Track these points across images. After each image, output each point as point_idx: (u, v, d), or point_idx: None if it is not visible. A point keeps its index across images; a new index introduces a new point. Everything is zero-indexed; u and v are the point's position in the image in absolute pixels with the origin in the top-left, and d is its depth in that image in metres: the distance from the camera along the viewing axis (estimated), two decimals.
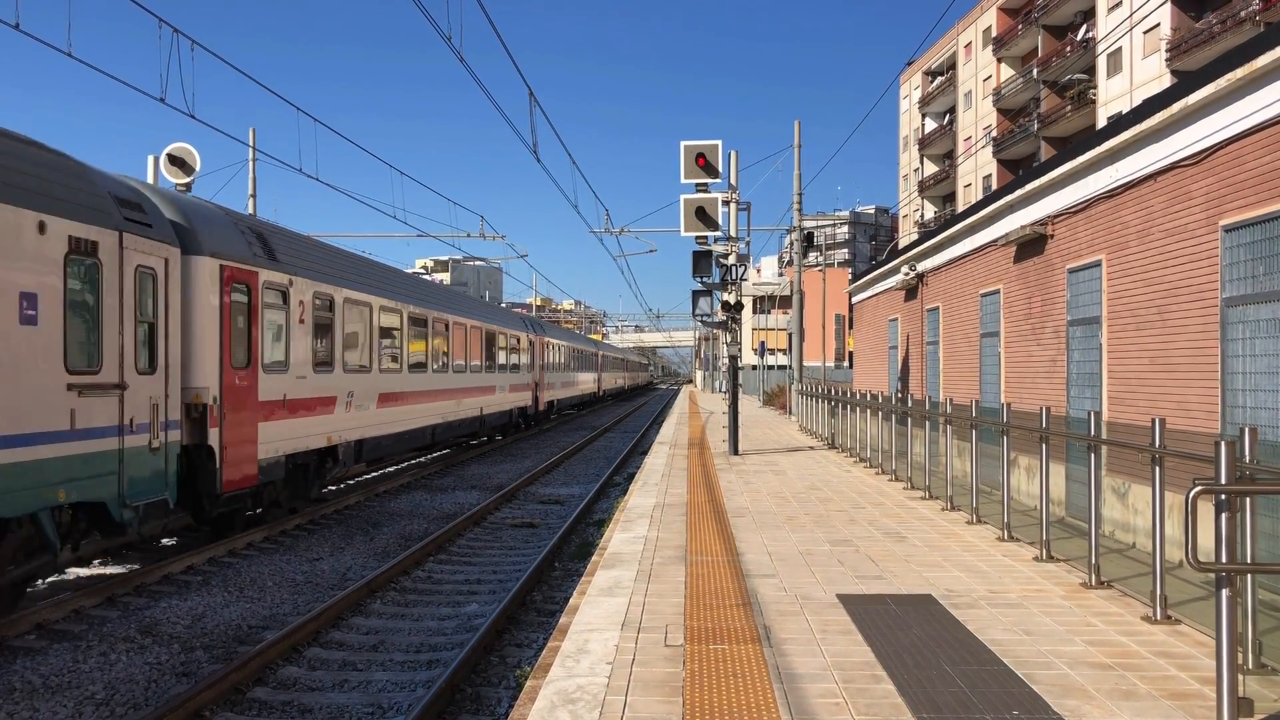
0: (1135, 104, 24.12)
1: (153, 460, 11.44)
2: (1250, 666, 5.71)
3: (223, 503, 13.35)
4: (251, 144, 30.50)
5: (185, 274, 12.52)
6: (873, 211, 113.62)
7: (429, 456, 27.32)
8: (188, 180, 20.48)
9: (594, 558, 9.32)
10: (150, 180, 20.06)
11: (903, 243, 58.98)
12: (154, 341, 11.64)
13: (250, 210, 32.09)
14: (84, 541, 11.66)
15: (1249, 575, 5.79)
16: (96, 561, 12.85)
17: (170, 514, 12.17)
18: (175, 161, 20.45)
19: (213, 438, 12.82)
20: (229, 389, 13.34)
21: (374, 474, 23.06)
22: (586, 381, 55.73)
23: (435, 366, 23.81)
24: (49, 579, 11.59)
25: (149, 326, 11.55)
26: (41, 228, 9.55)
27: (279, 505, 15.71)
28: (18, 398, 9.14)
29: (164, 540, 14.42)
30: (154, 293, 11.64)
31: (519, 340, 35.02)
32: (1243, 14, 39.29)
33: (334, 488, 19.95)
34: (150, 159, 20.53)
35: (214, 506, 13.16)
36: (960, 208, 61.28)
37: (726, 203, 19.57)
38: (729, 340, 21.17)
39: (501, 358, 31.92)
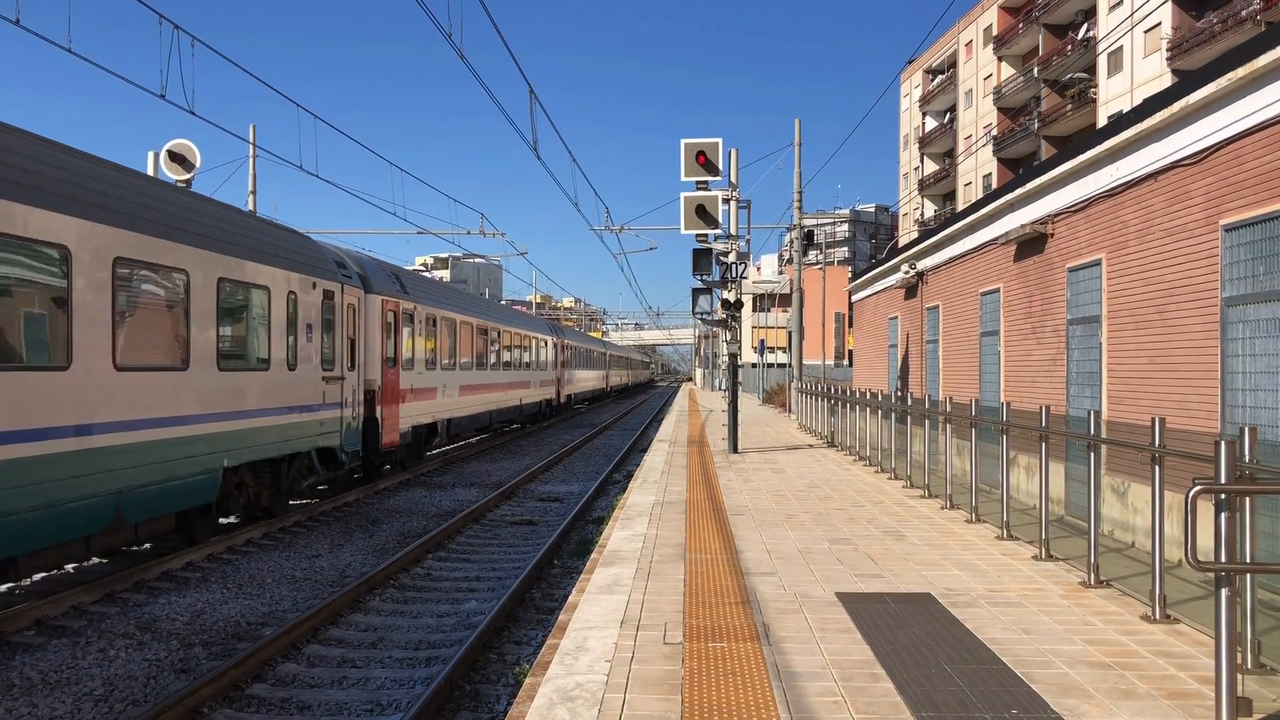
0: (1136, 103, 24.12)
1: (353, 425, 18.14)
2: (1249, 666, 5.71)
3: (381, 456, 19.94)
4: (252, 140, 30.48)
5: (365, 307, 18.98)
6: (873, 210, 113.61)
7: (478, 437, 32.71)
8: (188, 177, 20.48)
9: (593, 555, 9.32)
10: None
11: (903, 241, 58.96)
12: (354, 350, 18.19)
13: (250, 207, 32.10)
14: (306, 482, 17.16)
15: (1248, 575, 5.79)
16: (92, 560, 12.86)
17: (357, 460, 18.68)
18: (175, 158, 20.44)
19: (378, 413, 19.32)
20: (385, 381, 19.80)
21: (456, 445, 29.61)
22: (597, 378, 62.60)
23: (492, 365, 30.36)
24: (305, 485, 17.06)
25: (351, 341, 18.04)
26: (314, 286, 16.27)
27: (403, 464, 22.24)
28: (305, 386, 15.88)
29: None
30: (353, 320, 18.25)
31: (546, 343, 41.18)
32: (1243, 13, 39.27)
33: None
34: (150, 155, 20.53)
35: (376, 458, 19.72)
36: (960, 206, 61.27)
37: (727, 200, 19.56)
38: (729, 338, 21.17)
39: (534, 358, 38.28)
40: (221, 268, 13.08)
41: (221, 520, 14.90)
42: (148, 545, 13.76)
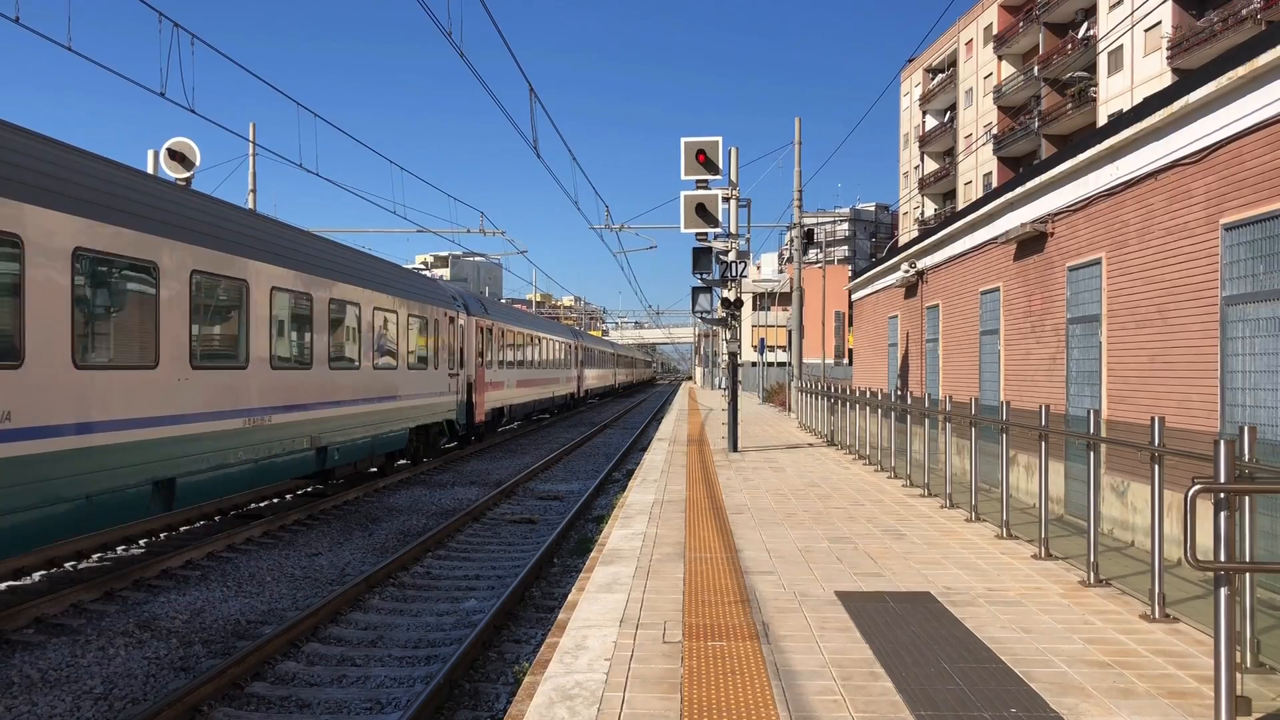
0: (1136, 102, 24.12)
1: (461, 405, 25.66)
2: (1248, 665, 5.71)
3: (474, 429, 27.82)
4: (251, 139, 30.46)
5: (468, 325, 26.72)
6: (873, 209, 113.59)
7: (515, 424, 39.01)
8: (187, 175, 20.48)
9: (593, 554, 9.32)
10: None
11: (903, 240, 58.92)
12: (463, 354, 25.97)
13: (250, 205, 32.08)
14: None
15: (1248, 574, 5.79)
16: (92, 557, 12.86)
17: (462, 430, 26.31)
18: (175, 156, 20.44)
19: (474, 398, 27.23)
20: (478, 377, 27.90)
21: (513, 425, 37.89)
22: (608, 376, 71.43)
23: (537, 365, 38.86)
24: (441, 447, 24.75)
25: (461, 349, 25.66)
26: (445, 314, 24.00)
27: (481, 438, 30.46)
28: (442, 379, 23.59)
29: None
30: (461, 334, 25.81)
31: (570, 346, 49.09)
32: (1244, 12, 39.26)
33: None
34: (150, 153, 20.53)
35: (470, 430, 27.46)
36: (960, 205, 61.25)
37: (727, 199, 19.56)
38: (729, 337, 21.16)
39: (562, 359, 46.26)
40: (416, 309, 21.69)
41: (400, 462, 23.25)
42: (158, 537, 13.76)
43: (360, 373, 18.00)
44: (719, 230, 19.32)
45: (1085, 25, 53.28)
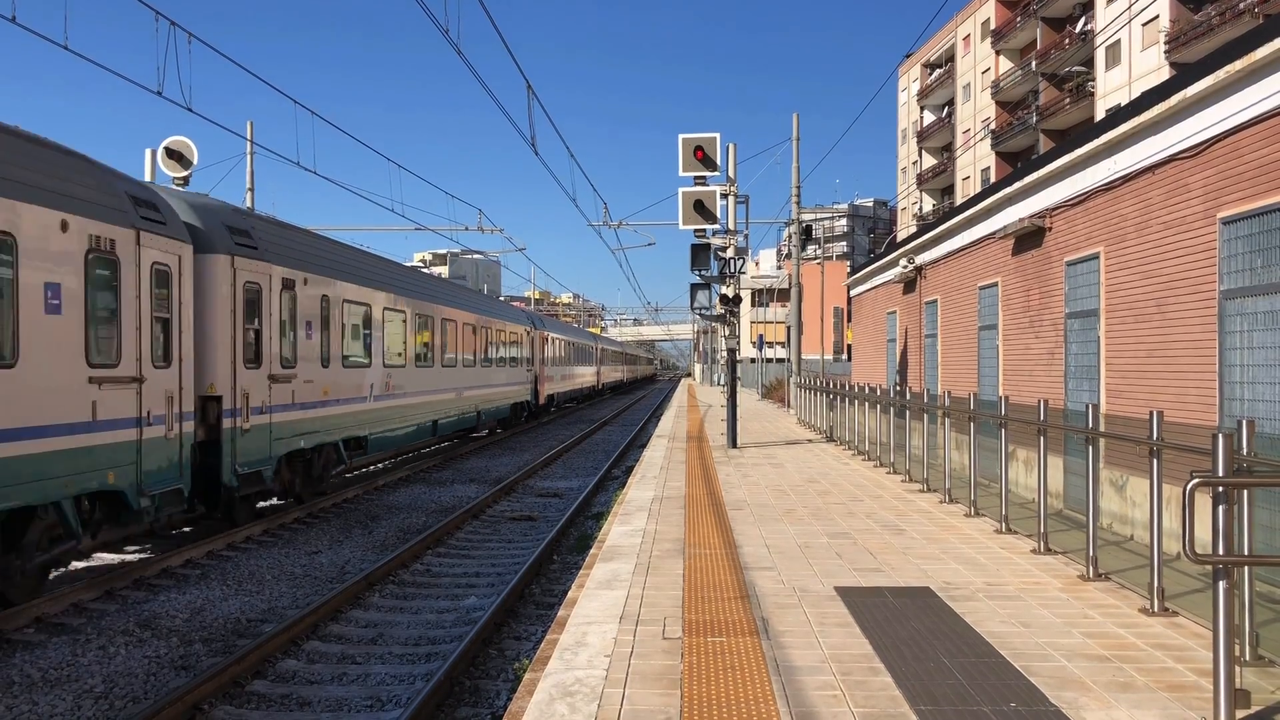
0: (1134, 96, 24.10)
1: (532, 392, 38.17)
2: (1247, 658, 5.72)
3: (540, 409, 39.97)
4: (249, 137, 30.45)
5: (534, 336, 38.29)
6: (871, 204, 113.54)
7: (535, 414, 43.57)
8: (185, 174, 20.46)
9: (592, 551, 9.33)
10: (148, 174, 20.32)
11: (901, 235, 58.90)
12: (531, 358, 38.07)
13: (249, 204, 32.07)
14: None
15: (1246, 567, 5.79)
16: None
17: (529, 410, 37.93)
18: (173, 155, 20.41)
19: (538, 388, 38.90)
20: (539, 372, 39.25)
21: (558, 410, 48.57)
22: (619, 371, 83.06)
23: (577, 362, 52.57)
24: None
25: (530, 354, 37.55)
26: (524, 330, 36.75)
27: (537, 415, 40.44)
28: (523, 373, 36.32)
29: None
30: (531, 343, 37.73)
31: (593, 349, 61.63)
32: (1241, 6, 39.25)
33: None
34: (148, 152, 20.51)
35: (535, 410, 39.02)
36: (958, 200, 61.24)
37: (725, 196, 19.55)
38: (727, 333, 21.16)
39: (588, 358, 58.22)
40: (511, 328, 31.02)
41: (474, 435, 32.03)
42: (156, 538, 13.77)
43: (492, 370, 31.03)
44: (717, 226, 19.32)
45: (1083, 20, 53.26)
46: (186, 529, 14.79)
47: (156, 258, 11.91)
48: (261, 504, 16.00)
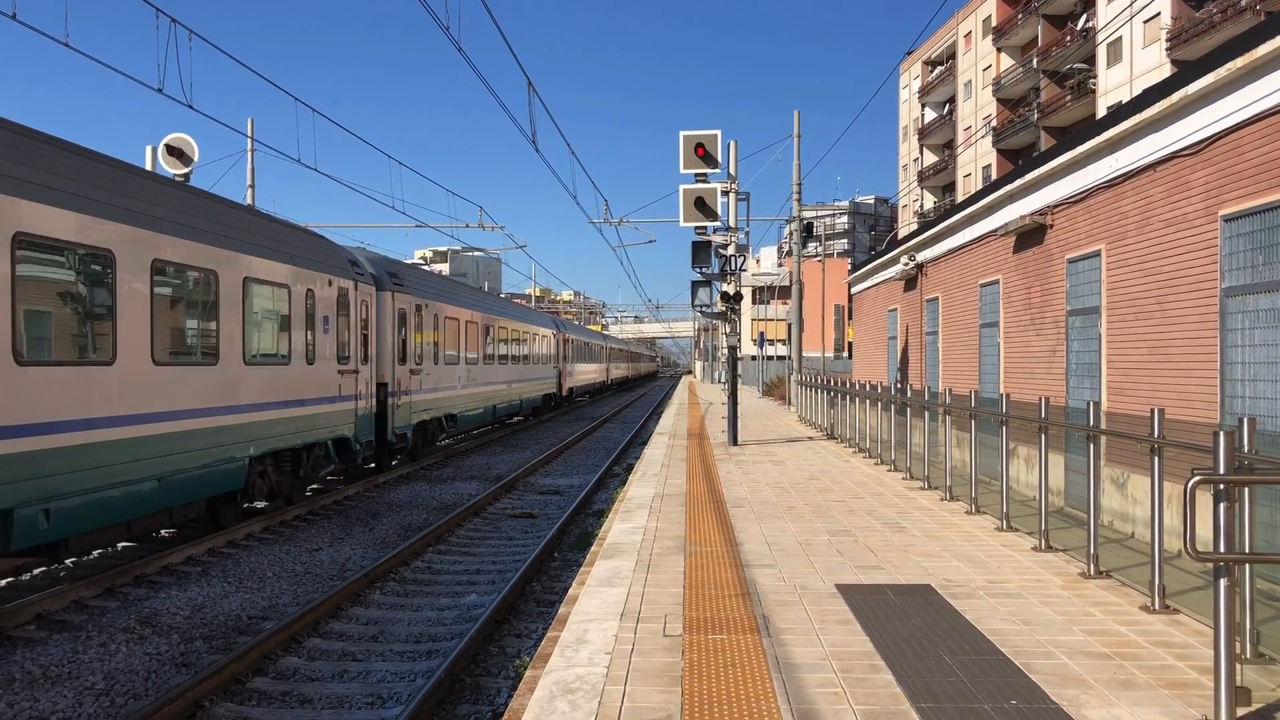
0: (1135, 94, 24.08)
1: (557, 385, 44.43)
2: (1248, 656, 5.72)
3: (566, 400, 48.36)
4: (250, 134, 30.42)
5: (557, 338, 44.75)
6: (872, 202, 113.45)
7: (559, 407, 49.59)
8: (185, 171, 20.46)
9: (593, 548, 9.33)
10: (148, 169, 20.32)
11: (902, 233, 58.86)
12: (557, 357, 44.49)
13: (249, 200, 32.04)
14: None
15: (1247, 565, 5.79)
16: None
17: (555, 399, 44.73)
18: (173, 152, 20.43)
19: (562, 382, 46.04)
20: (562, 368, 46.01)
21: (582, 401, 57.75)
22: (625, 368, 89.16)
23: (594, 360, 60.59)
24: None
25: (558, 354, 44.95)
26: (553, 333, 43.53)
27: (561, 405, 47.93)
28: (550, 369, 42.40)
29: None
30: (556, 344, 44.48)
31: (604, 349, 68.72)
32: (1243, 3, 39.20)
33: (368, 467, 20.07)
34: (148, 149, 20.52)
35: (559, 401, 45.89)
36: (960, 198, 61.21)
37: (726, 193, 19.54)
38: (728, 331, 21.16)
39: (600, 357, 65.36)
40: (542, 332, 38.99)
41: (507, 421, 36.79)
42: (158, 533, 13.78)
43: (532, 367, 37.46)
44: (718, 224, 19.31)
45: (1084, 17, 53.20)
46: (371, 465, 21.03)
47: (363, 297, 18.82)
48: (396, 461, 21.99)
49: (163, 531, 14.41)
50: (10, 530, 9.05)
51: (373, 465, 21.04)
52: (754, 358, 62.82)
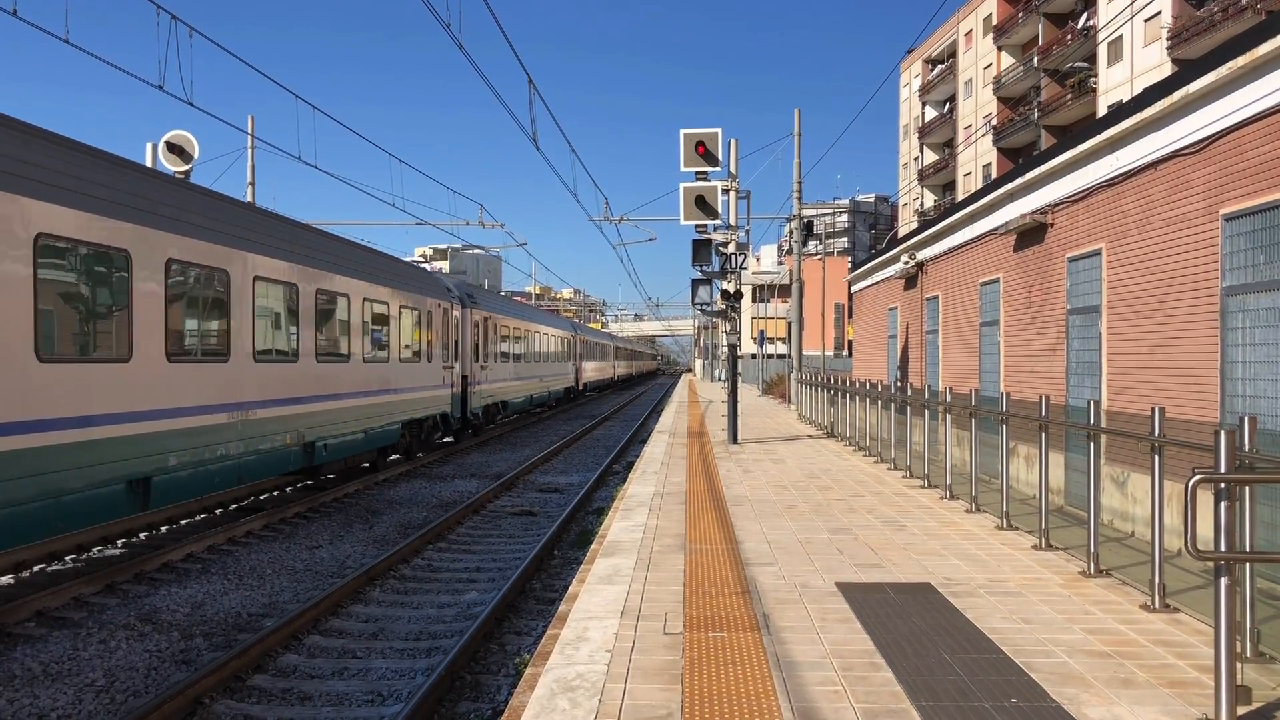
0: (1136, 92, 24.06)
1: (574, 378, 51.49)
2: (1248, 655, 5.72)
3: (581, 393, 55.89)
4: (250, 131, 30.39)
5: (577, 339, 52.66)
6: (872, 200, 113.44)
7: (569, 403, 54.26)
8: (186, 168, 20.45)
9: (593, 546, 9.33)
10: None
11: (902, 231, 58.85)
12: (574, 354, 51.45)
13: (249, 198, 32.04)
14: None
15: (1248, 564, 5.79)
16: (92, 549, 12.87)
17: (575, 392, 52.60)
18: (174, 149, 20.42)
19: (579, 376, 53.53)
20: (577, 366, 52.73)
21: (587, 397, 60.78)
22: (630, 365, 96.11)
23: (601, 358, 65.62)
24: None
25: (578, 355, 53.71)
26: (570, 334, 50.27)
27: (576, 399, 54.59)
28: (568, 365, 48.60)
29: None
30: (570, 344, 49.80)
31: (613, 348, 75.42)
32: (1244, 2, 39.18)
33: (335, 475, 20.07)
34: (149, 146, 20.51)
35: (576, 394, 53.46)
36: (960, 196, 61.17)
37: (726, 191, 19.53)
38: (728, 329, 21.15)
39: (608, 355, 71.39)
40: (560, 333, 45.26)
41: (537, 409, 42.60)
42: (151, 533, 13.77)
43: (557, 364, 43.99)
44: (719, 222, 19.30)
45: (1085, 15, 53.17)
46: (448, 439, 27.26)
47: (455, 313, 25.41)
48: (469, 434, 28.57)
49: (162, 528, 14.42)
50: (312, 455, 15.94)
51: (450, 439, 27.85)
52: (754, 356, 62.83)
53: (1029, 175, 14.18)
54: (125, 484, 10.84)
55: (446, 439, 27.36)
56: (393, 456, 22.13)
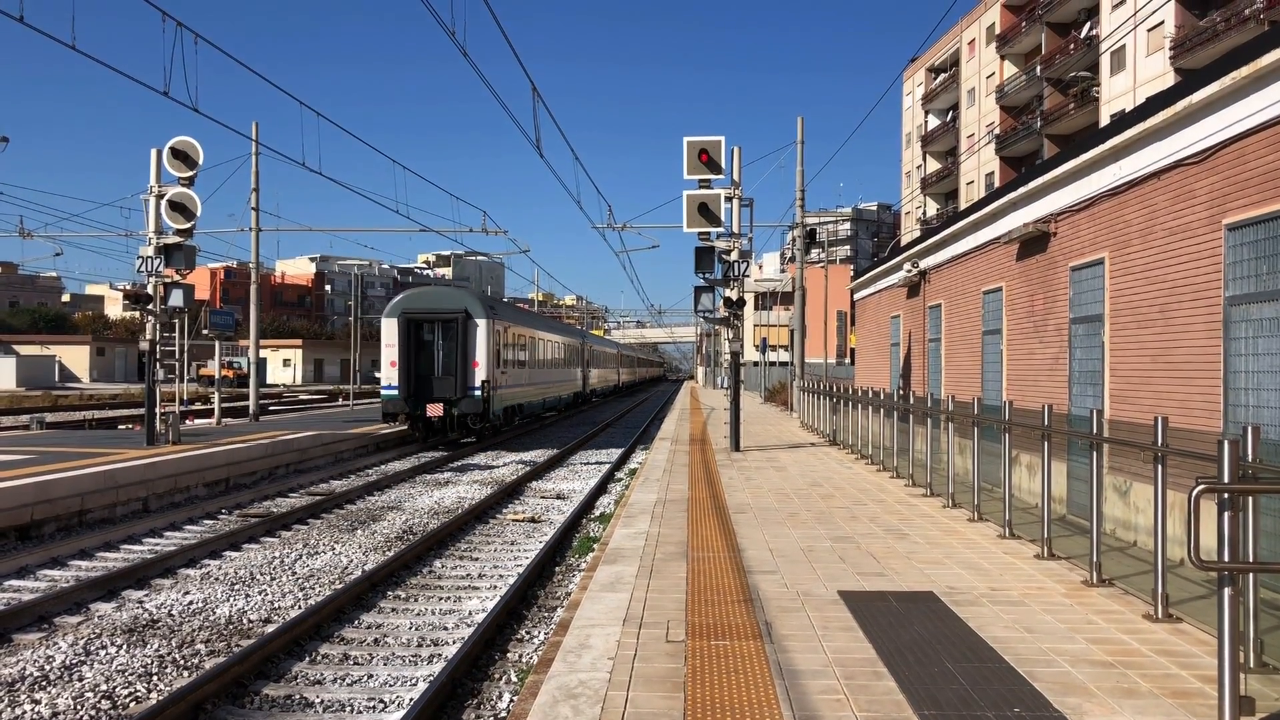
0: (1139, 102, 24.07)
1: (583, 383, 54.47)
2: (1252, 665, 5.71)
3: (587, 398, 56.72)
4: (254, 137, 30.46)
5: (586, 348, 56.61)
6: (875, 208, 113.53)
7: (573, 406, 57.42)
8: (190, 174, 20.48)
9: (595, 553, 9.33)
10: (153, 175, 20.43)
11: (905, 240, 58.87)
12: (583, 361, 54.32)
13: (253, 204, 32.07)
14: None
15: (1251, 574, 5.79)
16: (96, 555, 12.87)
17: (583, 397, 55.41)
18: (178, 155, 20.44)
19: (587, 381, 56.01)
20: (584, 371, 54.52)
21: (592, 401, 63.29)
22: (638, 371, 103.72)
23: (609, 366, 71.62)
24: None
25: (586, 360, 55.78)
26: (580, 343, 54.91)
27: (586, 402, 57.47)
28: (578, 372, 52.04)
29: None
30: (582, 352, 54.31)
31: (623, 356, 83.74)
32: (1247, 12, 39.22)
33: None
34: (154, 152, 20.53)
35: (585, 398, 55.59)
36: (963, 205, 61.16)
37: (729, 199, 19.56)
38: (731, 336, 21.17)
39: (619, 362, 79.42)
40: (570, 341, 49.04)
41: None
42: (153, 537, 13.78)
43: (566, 370, 45.92)
44: (722, 230, 19.33)
45: (1088, 25, 53.23)
46: (470, 439, 29.88)
47: (487, 325, 28.71)
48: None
49: (166, 534, 14.42)
50: (522, 410, 34.35)
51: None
52: (756, 363, 62.84)
53: (1032, 184, 14.20)
54: (540, 403, 37.57)
55: (467, 439, 29.65)
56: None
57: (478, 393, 27.71)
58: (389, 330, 27.68)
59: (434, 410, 27.02)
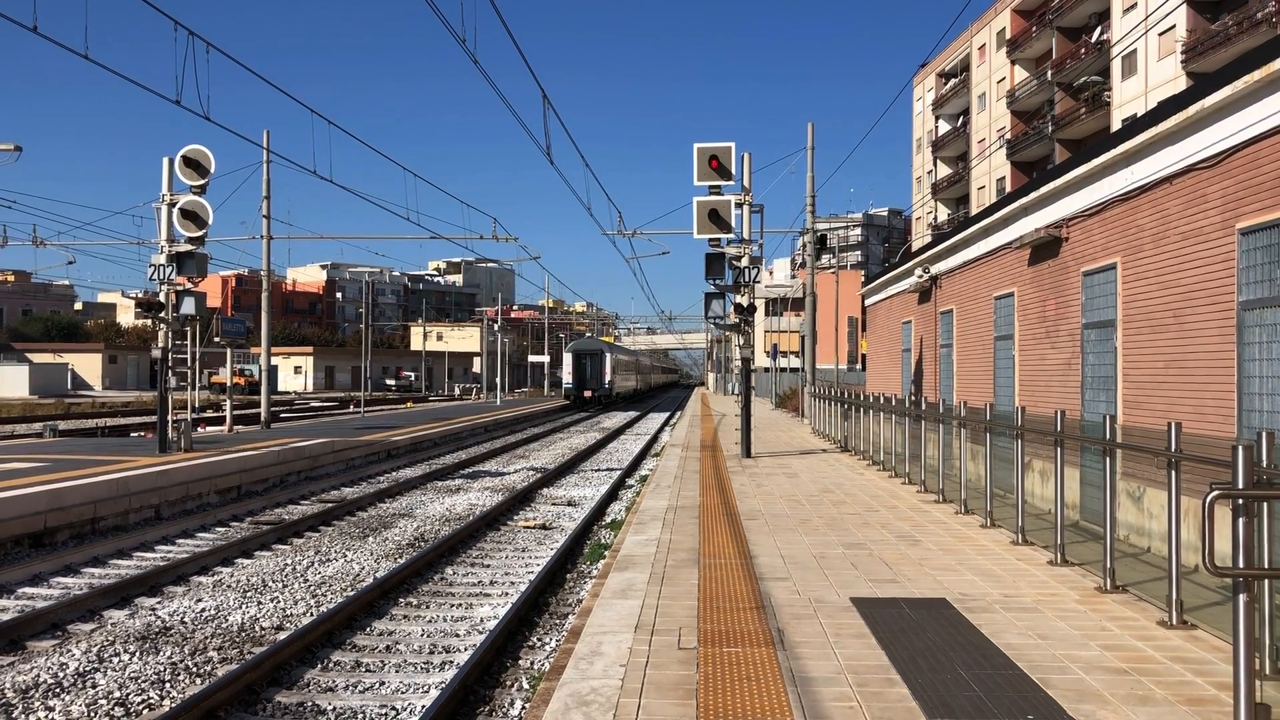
0: (1151, 106, 24.01)
1: (647, 384, 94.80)
2: (1267, 672, 5.67)
3: (615, 400, 69.66)
4: (266, 146, 30.61)
5: (610, 359, 69.89)
6: (886, 214, 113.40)
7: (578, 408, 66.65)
8: (202, 182, 20.58)
9: (607, 560, 9.33)
10: (165, 183, 20.58)
11: (916, 245, 58.75)
12: (611, 372, 68.57)
13: (264, 212, 32.27)
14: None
15: (1267, 580, 5.75)
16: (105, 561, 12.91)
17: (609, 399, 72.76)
18: (190, 164, 20.55)
19: (613, 385, 68.03)
20: (613, 379, 67.98)
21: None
22: (658, 376, 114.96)
23: (632, 372, 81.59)
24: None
25: (611, 369, 71.33)
26: (620, 351, 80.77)
27: (611, 403, 69.64)
28: (640, 377, 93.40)
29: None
30: (601, 358, 69.82)
31: (635, 361, 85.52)
32: (1259, 16, 39.09)
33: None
34: (166, 161, 20.64)
35: (611, 399, 67.76)
36: (974, 210, 61.10)
37: (739, 205, 19.56)
38: (741, 342, 21.15)
39: (635, 369, 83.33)
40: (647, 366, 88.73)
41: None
42: (174, 542, 13.82)
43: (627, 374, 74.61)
44: (732, 236, 19.34)
45: (1099, 29, 53.12)
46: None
47: (611, 357, 66.40)
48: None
49: (179, 541, 14.48)
50: (614, 392, 68.79)
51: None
52: (767, 369, 62.80)
53: (1043, 189, 14.16)
54: (633, 389, 76.52)
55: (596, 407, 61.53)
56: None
57: (606, 386, 63.16)
58: (568, 359, 64.36)
59: (588, 394, 63.23)
